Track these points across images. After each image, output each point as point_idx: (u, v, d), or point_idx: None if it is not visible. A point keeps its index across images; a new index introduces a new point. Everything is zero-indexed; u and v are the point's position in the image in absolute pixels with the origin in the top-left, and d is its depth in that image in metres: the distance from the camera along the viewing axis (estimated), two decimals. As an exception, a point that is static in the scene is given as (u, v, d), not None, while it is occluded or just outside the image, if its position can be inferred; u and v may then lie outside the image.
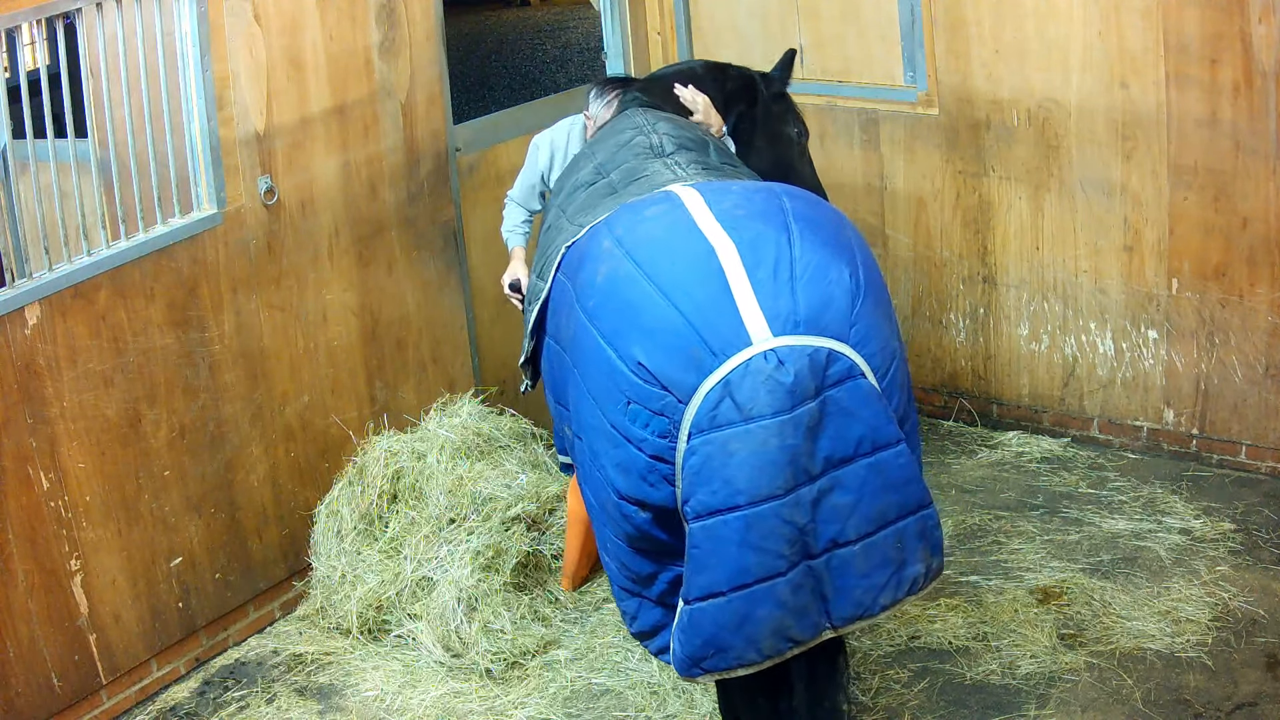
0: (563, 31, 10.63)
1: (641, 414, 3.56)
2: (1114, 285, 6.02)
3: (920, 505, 3.63)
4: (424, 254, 5.94)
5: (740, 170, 4.40)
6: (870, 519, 3.56)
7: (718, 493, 3.47)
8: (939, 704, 4.66)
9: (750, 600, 3.50)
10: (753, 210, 3.70)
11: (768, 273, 3.53)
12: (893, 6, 6.21)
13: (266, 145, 5.26)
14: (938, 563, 3.70)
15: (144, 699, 5.07)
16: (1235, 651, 4.75)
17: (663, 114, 4.66)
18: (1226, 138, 5.56)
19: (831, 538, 3.54)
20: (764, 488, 3.45)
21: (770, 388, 3.44)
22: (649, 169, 4.18)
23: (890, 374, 3.62)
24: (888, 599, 3.62)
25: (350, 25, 5.50)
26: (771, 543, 3.48)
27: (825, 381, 3.49)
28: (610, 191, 4.19)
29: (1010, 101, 6.05)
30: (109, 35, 4.81)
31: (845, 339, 3.52)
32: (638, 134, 4.41)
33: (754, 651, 3.56)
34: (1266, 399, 5.75)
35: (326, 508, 5.44)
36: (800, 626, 3.57)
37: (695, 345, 3.49)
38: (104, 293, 4.78)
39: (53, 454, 4.68)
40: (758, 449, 3.44)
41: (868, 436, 3.53)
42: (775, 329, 3.47)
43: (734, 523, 3.47)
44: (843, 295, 3.55)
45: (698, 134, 4.50)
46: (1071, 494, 5.89)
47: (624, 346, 3.59)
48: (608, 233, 3.85)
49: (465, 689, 4.98)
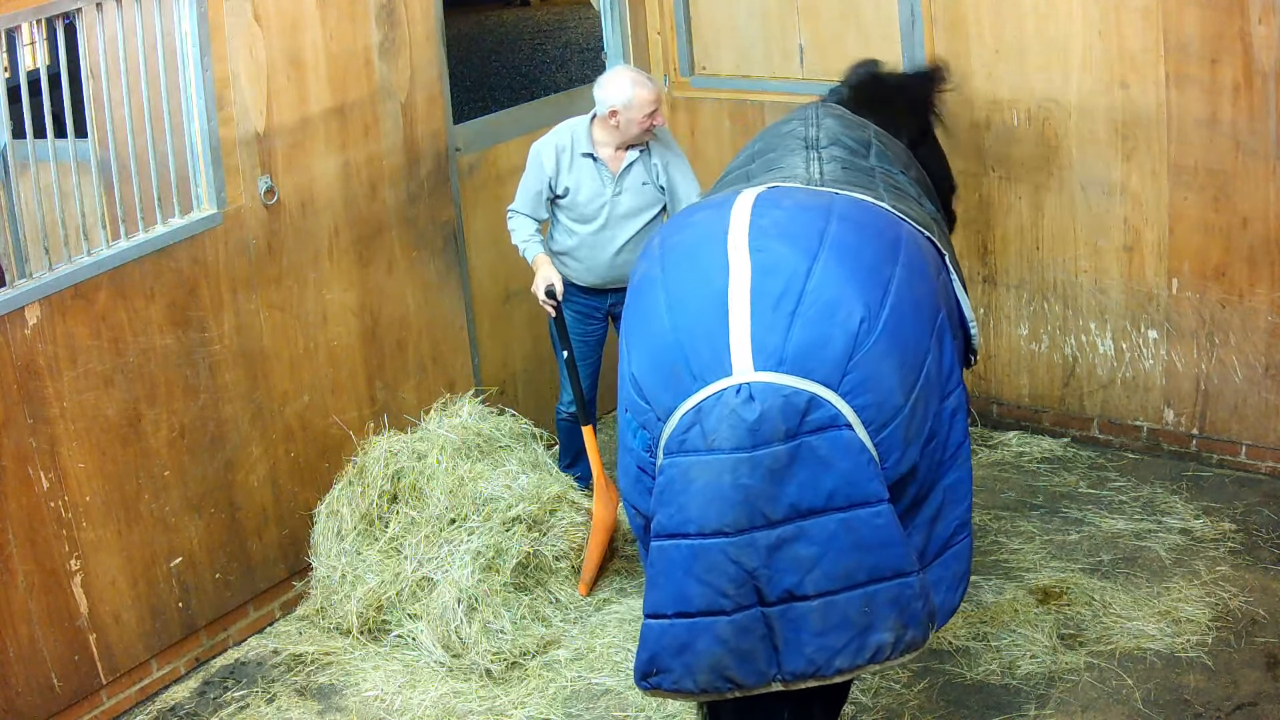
0: (563, 31, 10.63)
1: (632, 423, 3.55)
2: (1114, 285, 6.02)
3: (898, 572, 3.40)
4: (424, 254, 5.94)
5: (894, 174, 4.23)
6: (833, 577, 3.37)
7: (673, 517, 3.40)
8: (939, 704, 4.66)
9: (691, 630, 3.42)
10: (788, 230, 3.55)
11: (769, 303, 3.40)
12: (893, 6, 6.21)
13: (266, 145, 5.26)
14: (913, 635, 3.44)
15: (144, 699, 5.07)
16: (1235, 651, 4.75)
17: (839, 111, 4.54)
18: (1226, 138, 5.56)
19: (788, 588, 3.38)
20: (712, 521, 3.35)
21: (733, 422, 3.32)
22: (788, 161, 4.11)
23: (889, 430, 3.41)
24: (844, 663, 3.42)
25: (350, 25, 5.50)
26: (715, 579, 3.38)
27: (802, 427, 3.32)
28: (746, 180, 4.10)
29: (1010, 101, 6.05)
30: (109, 35, 4.81)
31: (833, 385, 3.35)
32: (801, 124, 4.35)
33: (690, 681, 3.46)
34: (1266, 399, 5.75)
35: (326, 508, 5.44)
36: (742, 671, 3.44)
37: (679, 365, 3.42)
38: (104, 293, 4.78)
39: (53, 454, 4.68)
40: (713, 481, 3.34)
41: (841, 490, 3.34)
42: (758, 363, 3.35)
43: (683, 549, 3.39)
44: (843, 338, 3.37)
45: (866, 135, 4.37)
46: (1071, 494, 5.89)
47: (629, 353, 3.59)
48: (660, 231, 3.84)
49: (465, 689, 4.98)
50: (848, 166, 4.11)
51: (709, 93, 6.90)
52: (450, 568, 5.16)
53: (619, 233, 5.54)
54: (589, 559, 5.44)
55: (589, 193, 5.52)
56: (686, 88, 6.96)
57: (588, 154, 5.50)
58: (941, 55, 6.11)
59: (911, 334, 3.50)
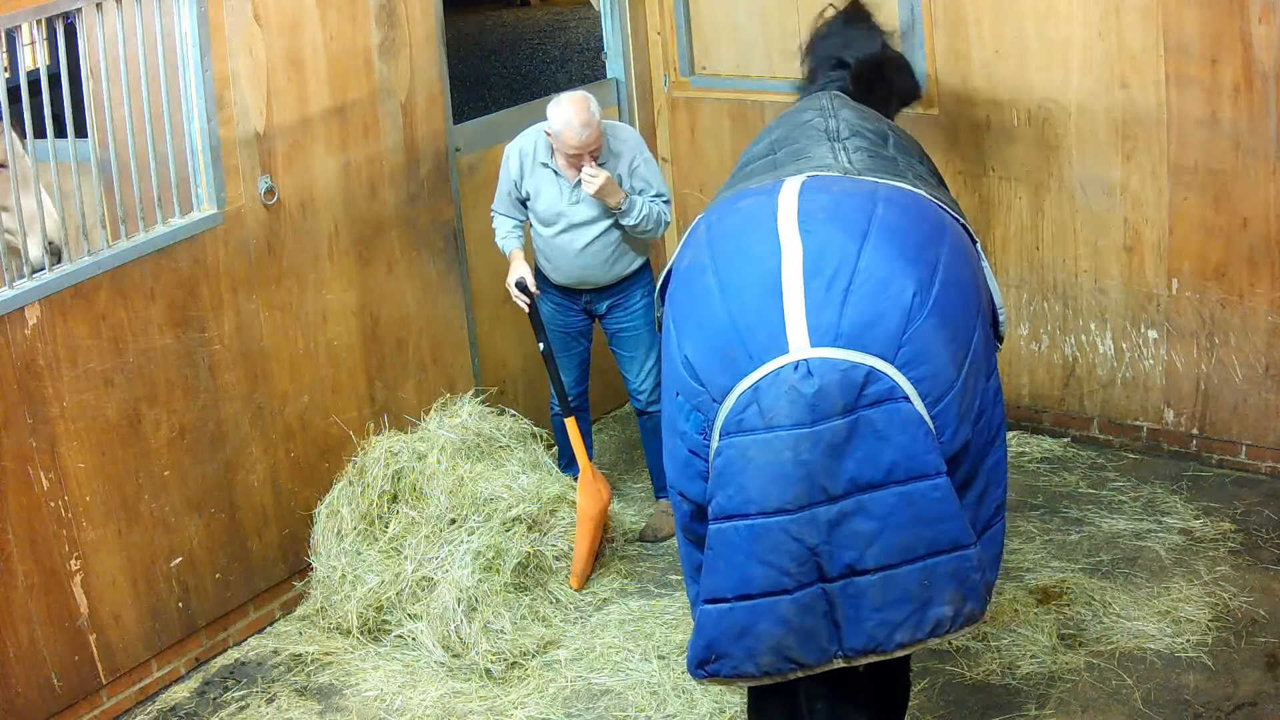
0: (563, 31, 10.61)
1: (684, 407, 3.54)
2: (1114, 285, 6.02)
3: (956, 545, 3.40)
4: (424, 254, 5.94)
5: (914, 164, 4.26)
6: (893, 550, 3.38)
7: (733, 498, 3.41)
8: (939, 704, 4.66)
9: (752, 613, 3.43)
10: (836, 213, 3.58)
11: (823, 282, 3.42)
12: (893, 6, 6.20)
13: (266, 145, 5.26)
14: (971, 608, 3.44)
15: (144, 699, 5.07)
16: (1235, 651, 4.75)
17: (850, 103, 4.57)
18: (1226, 138, 5.56)
19: (849, 563, 3.38)
20: (774, 500, 3.36)
21: (792, 398, 3.34)
22: (814, 151, 4.11)
23: (944, 403, 3.43)
24: (904, 637, 3.43)
25: (350, 25, 5.50)
26: (776, 558, 3.38)
27: (860, 400, 3.34)
28: (772, 168, 4.12)
29: (1010, 101, 6.05)
30: (109, 35, 4.81)
31: (890, 358, 3.36)
32: (818, 115, 4.36)
33: (751, 665, 3.47)
34: (1266, 399, 5.75)
35: (327, 507, 5.45)
36: (804, 650, 3.45)
37: (734, 346, 3.43)
38: (104, 293, 4.78)
39: (53, 454, 4.68)
40: (773, 459, 3.35)
41: (901, 463, 3.35)
42: (815, 339, 3.36)
43: (743, 530, 3.40)
44: (897, 313, 3.39)
45: (881, 126, 4.41)
46: (1071, 494, 5.89)
47: (680, 336, 3.58)
48: (705, 218, 3.85)
49: (465, 689, 4.98)
50: (873, 155, 4.12)
51: (709, 93, 6.90)
52: (450, 568, 5.16)
53: (578, 237, 5.55)
54: (578, 552, 5.44)
55: (547, 200, 5.56)
56: (686, 88, 6.96)
57: (545, 163, 5.54)
58: (942, 55, 6.12)
59: (960, 311, 3.54)
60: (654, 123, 7.07)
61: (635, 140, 5.66)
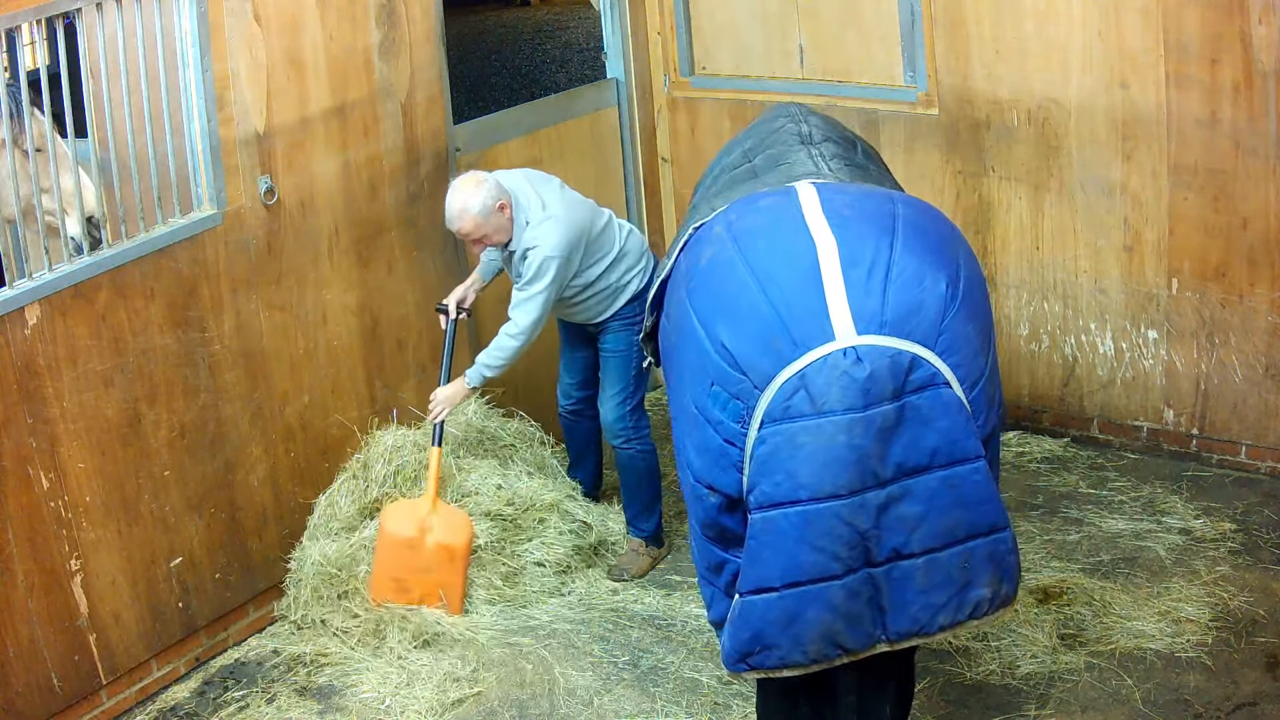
0: (563, 31, 10.62)
1: (720, 396, 3.55)
2: (1114, 285, 6.02)
3: (994, 527, 3.51)
4: (424, 254, 5.94)
5: (884, 173, 4.38)
6: (937, 534, 3.47)
7: (781, 485, 3.43)
8: (939, 704, 4.66)
9: (801, 599, 3.46)
10: (862, 211, 3.68)
11: (862, 272, 3.50)
12: (893, 6, 6.21)
13: (266, 145, 5.26)
14: (1007, 589, 3.56)
15: (144, 699, 5.07)
16: (1235, 651, 4.76)
17: (817, 113, 4.61)
18: (1226, 138, 5.56)
19: (895, 547, 3.46)
20: (827, 485, 3.41)
21: (844, 384, 3.40)
22: (792, 157, 4.18)
23: (979, 388, 3.55)
24: (946, 619, 3.53)
25: (350, 25, 5.50)
26: (829, 543, 3.42)
27: (906, 386, 3.43)
28: (752, 176, 4.18)
29: (1010, 101, 6.05)
30: (109, 35, 4.81)
31: (931, 345, 3.46)
32: (789, 121, 4.40)
33: (799, 653, 3.50)
34: (1266, 399, 5.76)
35: (327, 498, 5.49)
36: (852, 635, 3.50)
37: (778, 334, 3.47)
38: (104, 293, 4.78)
39: (53, 454, 4.68)
40: (825, 444, 3.40)
41: (943, 448, 3.45)
42: (860, 327, 3.44)
43: (793, 517, 3.42)
44: (934, 302, 3.50)
45: (848, 133, 4.49)
46: (1071, 494, 5.89)
47: (713, 328, 3.60)
48: (721, 219, 3.88)
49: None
50: (849, 164, 4.19)
51: (709, 93, 6.91)
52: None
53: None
54: (456, 587, 5.34)
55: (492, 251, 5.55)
56: (686, 88, 6.96)
57: None
58: (942, 55, 6.12)
59: (981, 305, 3.68)
60: (654, 123, 7.07)
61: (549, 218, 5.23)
